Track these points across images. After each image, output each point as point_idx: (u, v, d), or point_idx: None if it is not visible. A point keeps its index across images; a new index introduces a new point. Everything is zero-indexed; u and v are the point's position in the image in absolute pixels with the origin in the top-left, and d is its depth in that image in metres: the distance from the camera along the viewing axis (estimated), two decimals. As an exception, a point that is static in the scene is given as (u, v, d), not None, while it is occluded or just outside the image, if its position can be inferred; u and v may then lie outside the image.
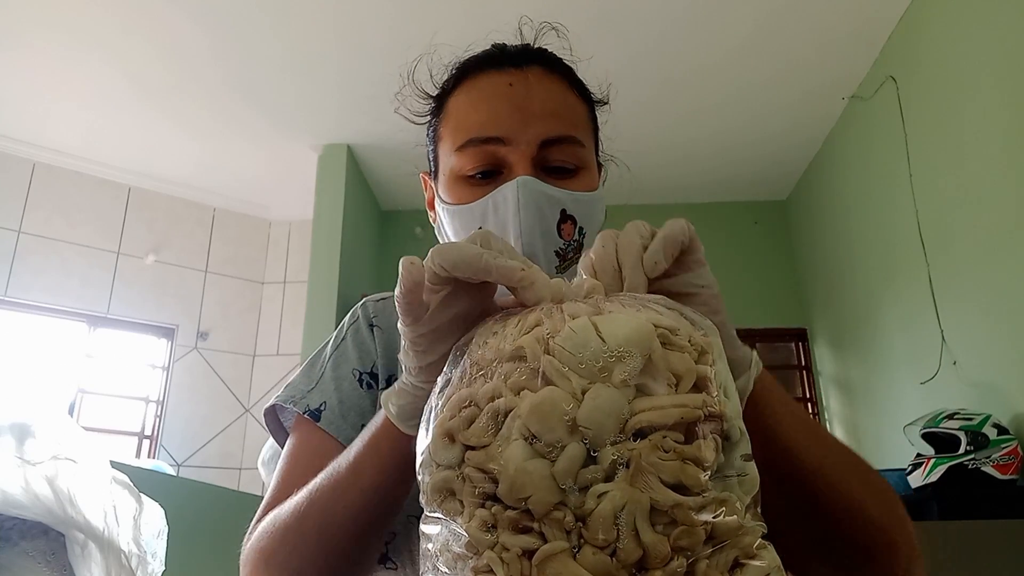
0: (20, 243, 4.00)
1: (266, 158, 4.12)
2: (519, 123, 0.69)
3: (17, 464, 0.89)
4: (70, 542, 0.90)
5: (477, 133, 0.70)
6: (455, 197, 0.72)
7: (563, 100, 0.73)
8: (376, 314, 0.78)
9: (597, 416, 0.36)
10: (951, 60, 2.56)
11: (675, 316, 0.43)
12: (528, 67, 0.73)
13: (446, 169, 0.74)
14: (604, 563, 0.34)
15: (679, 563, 0.34)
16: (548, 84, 0.73)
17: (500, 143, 0.69)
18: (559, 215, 0.69)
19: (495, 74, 0.73)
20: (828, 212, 3.80)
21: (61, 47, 3.21)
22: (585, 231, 0.72)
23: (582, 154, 0.72)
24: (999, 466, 2.07)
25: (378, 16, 2.98)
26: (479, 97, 0.73)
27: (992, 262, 2.34)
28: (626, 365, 0.37)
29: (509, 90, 0.71)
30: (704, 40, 3.11)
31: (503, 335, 0.42)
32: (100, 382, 4.13)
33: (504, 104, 0.71)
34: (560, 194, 0.69)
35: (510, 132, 0.69)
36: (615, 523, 0.34)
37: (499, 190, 0.69)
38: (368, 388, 0.73)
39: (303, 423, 0.71)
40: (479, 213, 0.70)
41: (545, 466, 0.36)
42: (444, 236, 0.76)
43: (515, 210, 0.67)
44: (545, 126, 0.70)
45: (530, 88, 0.72)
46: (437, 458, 0.40)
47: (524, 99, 0.71)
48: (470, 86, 0.74)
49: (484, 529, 0.37)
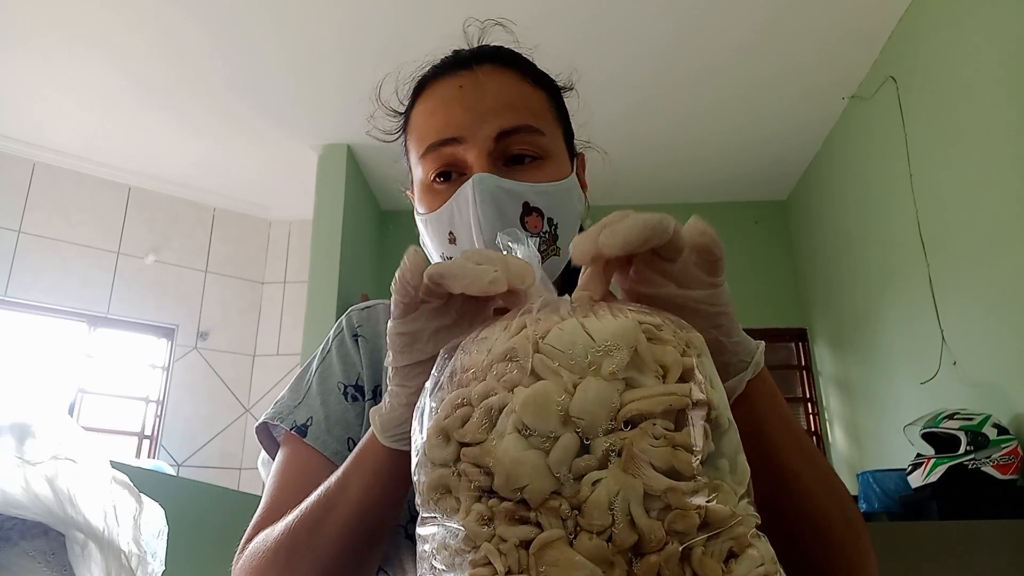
0: (20, 243, 4.00)
1: (266, 158, 4.13)
2: (472, 121, 0.70)
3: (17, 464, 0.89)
4: (70, 542, 0.90)
5: (434, 138, 0.71)
6: (425, 206, 0.73)
7: (517, 92, 0.73)
8: (361, 323, 0.78)
9: (589, 407, 0.37)
10: (951, 60, 2.56)
11: (659, 314, 0.43)
12: (479, 66, 0.74)
13: (416, 180, 0.75)
14: (601, 548, 0.35)
15: (674, 547, 0.35)
16: (500, 79, 0.73)
17: (456, 143, 0.70)
18: (521, 208, 0.69)
19: (446, 79, 0.74)
20: (828, 212, 3.80)
21: (61, 47, 3.22)
22: (556, 222, 0.70)
23: (543, 142, 0.71)
24: (999, 466, 2.07)
25: (378, 16, 2.99)
26: (434, 104, 0.73)
27: (992, 262, 2.34)
28: (614, 359, 0.38)
29: (460, 92, 0.72)
30: (705, 41, 3.11)
31: (493, 338, 0.42)
32: (100, 382, 4.13)
33: (456, 106, 0.71)
34: (520, 187, 0.68)
35: (464, 131, 0.69)
36: (610, 509, 0.35)
37: (459, 191, 0.69)
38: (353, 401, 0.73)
39: (291, 439, 0.71)
40: (446, 218, 0.70)
41: (540, 456, 0.36)
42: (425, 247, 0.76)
43: (473, 207, 0.67)
44: (499, 119, 0.70)
45: (480, 86, 0.72)
46: (432, 457, 0.41)
47: (475, 98, 0.71)
48: (427, 96, 0.75)
49: (481, 522, 0.37)
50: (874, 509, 2.41)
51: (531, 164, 0.70)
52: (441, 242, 0.72)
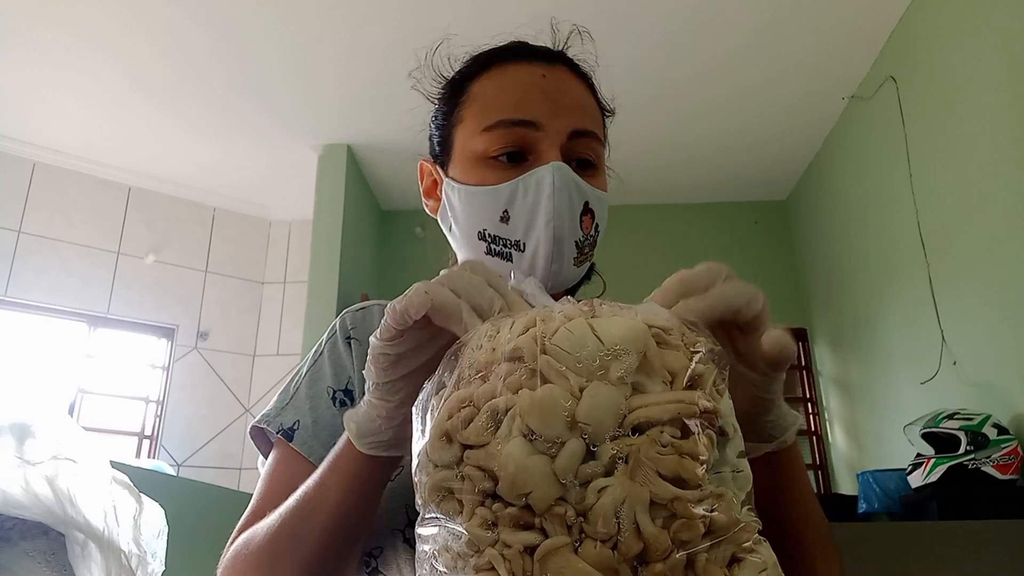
0: (20, 243, 4.00)
1: (266, 158, 4.12)
2: (551, 111, 0.71)
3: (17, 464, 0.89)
4: (70, 542, 0.90)
5: (509, 115, 0.71)
6: (476, 178, 0.72)
7: (587, 99, 0.76)
8: (354, 325, 0.77)
9: (596, 412, 0.36)
10: (951, 60, 2.56)
11: (668, 316, 0.43)
12: (555, 64, 0.75)
13: (466, 150, 0.73)
14: (606, 557, 0.34)
15: (680, 556, 0.35)
16: (575, 83, 0.76)
17: (531, 127, 0.70)
18: (583, 207, 0.71)
19: (526, 64, 0.75)
20: (828, 212, 3.80)
21: (61, 47, 3.21)
22: (600, 229, 0.74)
23: (601, 153, 0.75)
24: (999, 466, 2.07)
25: (379, 16, 2.99)
26: (511, 82, 0.74)
27: (992, 262, 2.34)
28: (622, 363, 0.38)
29: (542, 80, 0.73)
30: (705, 42, 3.11)
31: (499, 337, 0.42)
32: (100, 382, 4.13)
33: (537, 92, 0.72)
34: (587, 186, 0.71)
35: (542, 118, 0.70)
36: (616, 517, 0.35)
37: (531, 173, 0.69)
38: (341, 406, 0.72)
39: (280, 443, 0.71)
40: (506, 195, 0.70)
41: (545, 462, 0.36)
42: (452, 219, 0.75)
43: (549, 193, 0.68)
44: (575, 118, 0.72)
45: (561, 82, 0.74)
46: (435, 458, 0.40)
47: (556, 90, 0.72)
48: (499, 72, 0.75)
49: (485, 527, 0.37)
50: (874, 509, 2.41)
51: (592, 170, 0.73)
52: (487, 217, 0.71)
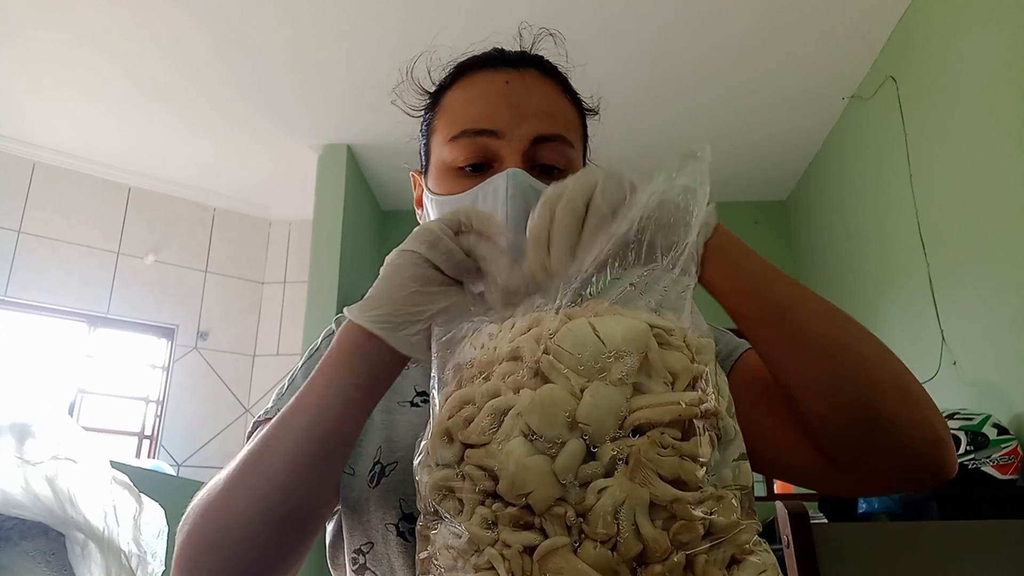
0: (20, 243, 4.00)
1: (267, 158, 4.12)
2: (513, 119, 0.71)
3: (17, 464, 0.89)
4: (70, 542, 0.90)
5: (471, 125, 0.71)
6: (444, 188, 0.73)
7: (557, 102, 0.75)
8: None
9: (597, 413, 0.36)
10: (951, 60, 2.56)
11: (670, 317, 0.43)
12: (525, 69, 0.75)
13: (437, 161, 0.75)
14: (605, 557, 0.34)
15: (679, 557, 0.35)
16: (543, 86, 0.75)
17: (493, 136, 0.70)
18: None
19: (492, 72, 0.75)
20: (828, 212, 3.80)
21: (61, 45, 3.21)
22: None
23: (571, 156, 0.74)
24: (999, 466, 2.07)
25: (380, 16, 2.98)
26: (476, 92, 0.74)
27: (992, 262, 2.34)
28: (623, 364, 0.38)
29: (505, 87, 0.73)
30: (706, 44, 3.11)
31: (499, 337, 0.42)
32: (100, 382, 4.13)
33: (499, 100, 0.72)
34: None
35: (503, 126, 0.70)
36: (615, 518, 0.35)
37: (488, 181, 0.70)
38: None
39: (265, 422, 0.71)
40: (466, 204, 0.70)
41: (545, 462, 0.36)
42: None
43: (503, 200, 0.68)
44: (538, 124, 0.71)
45: (526, 88, 0.73)
46: (436, 457, 0.40)
47: (519, 97, 0.72)
48: (467, 82, 0.76)
49: (485, 526, 0.37)
50: (874, 509, 2.41)
51: (558, 175, 0.72)
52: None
